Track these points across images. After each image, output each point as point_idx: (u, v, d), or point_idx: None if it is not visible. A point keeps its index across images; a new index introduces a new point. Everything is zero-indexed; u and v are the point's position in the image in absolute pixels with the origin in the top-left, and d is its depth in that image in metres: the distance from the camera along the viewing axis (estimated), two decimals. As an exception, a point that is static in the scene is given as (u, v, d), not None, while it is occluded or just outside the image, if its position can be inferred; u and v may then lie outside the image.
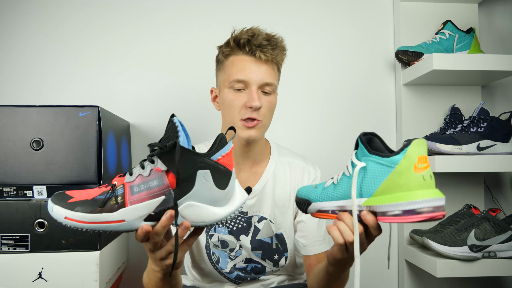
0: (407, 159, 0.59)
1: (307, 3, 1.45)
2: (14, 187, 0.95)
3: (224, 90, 0.93)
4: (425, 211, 0.57)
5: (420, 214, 0.57)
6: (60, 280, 0.94)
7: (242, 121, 0.90)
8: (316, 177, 1.02)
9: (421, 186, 0.58)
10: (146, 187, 0.59)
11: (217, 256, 0.98)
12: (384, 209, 0.60)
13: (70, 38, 1.38)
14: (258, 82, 0.90)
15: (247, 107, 0.89)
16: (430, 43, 1.30)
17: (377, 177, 0.61)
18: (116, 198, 0.59)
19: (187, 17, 1.41)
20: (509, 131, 1.20)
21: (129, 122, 1.37)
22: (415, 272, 1.37)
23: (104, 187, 0.62)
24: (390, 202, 0.59)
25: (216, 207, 0.62)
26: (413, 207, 0.57)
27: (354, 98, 1.45)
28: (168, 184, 0.59)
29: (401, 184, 0.59)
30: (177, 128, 0.59)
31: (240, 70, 0.90)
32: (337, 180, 0.69)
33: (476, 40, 1.31)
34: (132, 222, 0.59)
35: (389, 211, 0.59)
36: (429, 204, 0.57)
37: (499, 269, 1.12)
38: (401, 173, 0.59)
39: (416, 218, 0.57)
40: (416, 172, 0.58)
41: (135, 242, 1.36)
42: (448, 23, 1.31)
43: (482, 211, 1.17)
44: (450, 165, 1.14)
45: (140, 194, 0.59)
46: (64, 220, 0.58)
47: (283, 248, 1.00)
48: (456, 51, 1.29)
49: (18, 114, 0.96)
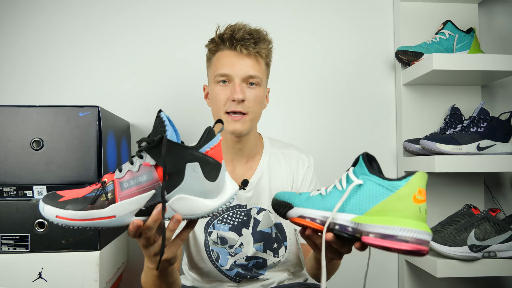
0: (408, 187, 0.59)
1: (307, 3, 1.45)
2: (14, 187, 0.95)
3: (211, 85, 0.97)
4: (414, 241, 0.56)
5: (408, 243, 0.56)
6: (60, 280, 0.94)
7: (227, 114, 0.93)
8: (310, 165, 1.06)
9: (416, 217, 0.58)
10: (136, 182, 0.60)
11: (216, 253, 0.98)
12: (372, 229, 0.59)
13: (70, 38, 1.38)
14: (241, 75, 0.92)
15: (230, 100, 0.92)
16: (430, 43, 1.30)
17: (374, 197, 0.61)
18: (106, 194, 0.60)
19: (188, 17, 1.41)
20: (509, 131, 1.20)
21: (129, 122, 1.37)
22: (415, 272, 1.37)
23: (95, 185, 0.62)
24: (383, 223, 0.58)
25: (207, 199, 0.62)
26: (404, 234, 0.56)
27: (354, 98, 1.45)
28: (158, 179, 0.60)
29: (397, 210, 0.58)
30: (164, 122, 0.60)
31: (224, 64, 0.93)
32: (326, 192, 0.68)
33: (476, 40, 1.31)
34: (123, 217, 0.59)
35: (377, 232, 0.58)
36: (421, 236, 0.56)
37: (499, 269, 1.12)
38: (400, 199, 0.59)
39: (403, 246, 0.56)
40: (415, 202, 0.58)
41: (135, 242, 1.36)
42: (448, 23, 1.31)
43: (482, 211, 1.17)
44: (450, 165, 1.14)
45: (130, 190, 0.59)
46: (55, 219, 0.59)
47: (283, 237, 1.01)
48: (456, 51, 1.29)
49: (18, 114, 0.96)
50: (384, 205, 0.60)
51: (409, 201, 0.58)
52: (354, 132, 1.43)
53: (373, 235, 0.58)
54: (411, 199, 0.58)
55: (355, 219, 0.62)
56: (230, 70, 0.93)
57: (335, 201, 0.65)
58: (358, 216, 0.62)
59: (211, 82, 0.97)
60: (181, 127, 1.40)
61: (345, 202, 0.63)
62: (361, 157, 0.65)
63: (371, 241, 0.59)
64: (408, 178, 0.59)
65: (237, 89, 0.91)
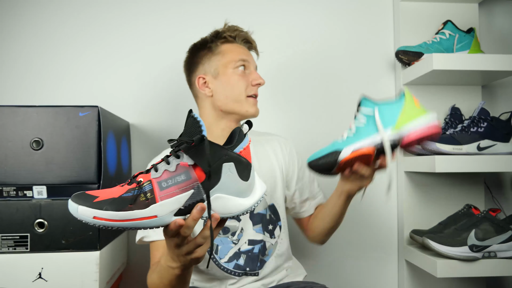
0: (408, 100, 0.88)
1: (307, 3, 1.45)
2: (14, 187, 0.95)
3: (226, 72, 1.02)
4: (435, 122, 0.86)
5: (432, 124, 0.86)
6: (60, 280, 0.94)
7: (249, 97, 1.02)
8: (291, 145, 1.14)
9: (425, 111, 0.88)
10: (174, 181, 0.60)
11: (215, 245, 0.98)
12: (409, 128, 0.85)
13: (70, 38, 1.38)
14: (255, 64, 1.07)
15: (253, 84, 1.03)
16: (430, 43, 1.30)
17: (393, 113, 0.86)
18: (145, 194, 0.60)
19: (188, 17, 1.41)
20: (509, 131, 1.20)
21: (129, 122, 1.37)
22: (415, 272, 1.37)
23: (127, 185, 0.61)
24: (413, 121, 0.86)
25: (242, 198, 0.64)
26: (428, 120, 0.86)
27: (354, 98, 1.44)
28: (196, 178, 0.60)
29: (412, 113, 0.86)
30: (199, 122, 0.61)
31: (240, 52, 1.04)
32: (354, 130, 0.88)
33: (476, 40, 1.31)
34: (164, 217, 0.60)
35: (414, 129, 0.85)
36: (435, 117, 0.88)
37: (499, 269, 1.12)
38: (409, 107, 0.87)
39: (433, 128, 0.86)
40: (417, 106, 0.88)
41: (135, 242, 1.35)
42: (448, 23, 1.31)
43: (482, 211, 1.17)
44: (450, 165, 1.14)
45: (170, 189, 0.60)
46: (92, 220, 0.57)
47: (276, 218, 1.05)
48: (456, 51, 1.29)
49: (18, 114, 0.96)
50: (404, 115, 0.86)
51: (414, 107, 0.88)
52: (354, 132, 1.43)
53: (412, 131, 0.85)
54: (414, 105, 0.88)
55: (393, 129, 0.85)
56: (248, 57, 1.04)
57: (369, 129, 0.86)
58: (394, 127, 0.85)
59: (227, 68, 1.02)
60: (181, 127, 1.39)
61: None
62: (363, 98, 0.91)
63: (413, 136, 0.85)
64: (403, 96, 0.89)
65: (259, 75, 1.04)
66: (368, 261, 1.42)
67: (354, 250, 1.41)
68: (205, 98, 1.05)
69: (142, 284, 1.34)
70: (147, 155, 1.37)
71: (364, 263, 1.42)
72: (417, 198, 1.37)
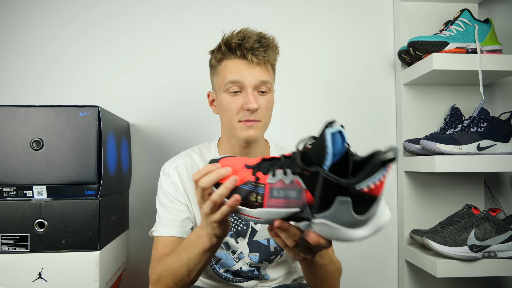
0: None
1: (307, 3, 1.45)
2: (14, 187, 0.95)
3: (220, 94, 0.93)
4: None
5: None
6: (60, 280, 0.94)
7: (241, 122, 0.91)
8: None
9: None
10: (285, 195, 0.59)
11: (217, 257, 0.98)
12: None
13: (70, 38, 1.38)
14: (253, 84, 0.90)
15: (244, 109, 0.89)
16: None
17: None
18: (256, 195, 0.61)
19: (188, 17, 1.41)
20: (509, 131, 1.20)
21: (129, 122, 1.37)
22: (415, 272, 1.37)
23: (251, 173, 0.62)
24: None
25: (351, 229, 0.57)
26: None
27: (354, 98, 1.45)
28: (305, 201, 0.58)
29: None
30: (326, 149, 0.52)
31: (234, 72, 0.90)
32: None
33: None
34: (266, 221, 0.62)
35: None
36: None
37: (499, 269, 1.12)
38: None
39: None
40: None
41: (135, 242, 1.36)
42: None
43: (482, 211, 1.17)
44: (450, 165, 1.14)
45: (278, 201, 0.59)
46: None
47: (280, 248, 0.99)
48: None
49: (18, 114, 0.96)
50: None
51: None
52: (354, 132, 1.43)
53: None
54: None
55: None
56: (242, 78, 0.90)
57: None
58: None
59: (220, 91, 0.93)
60: (181, 127, 1.40)
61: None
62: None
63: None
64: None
65: (251, 98, 0.89)
66: (368, 261, 1.42)
67: (354, 250, 1.41)
68: (216, 113, 1.01)
69: (142, 284, 1.35)
70: (147, 155, 1.38)
71: (364, 263, 1.42)
72: (417, 198, 1.37)
